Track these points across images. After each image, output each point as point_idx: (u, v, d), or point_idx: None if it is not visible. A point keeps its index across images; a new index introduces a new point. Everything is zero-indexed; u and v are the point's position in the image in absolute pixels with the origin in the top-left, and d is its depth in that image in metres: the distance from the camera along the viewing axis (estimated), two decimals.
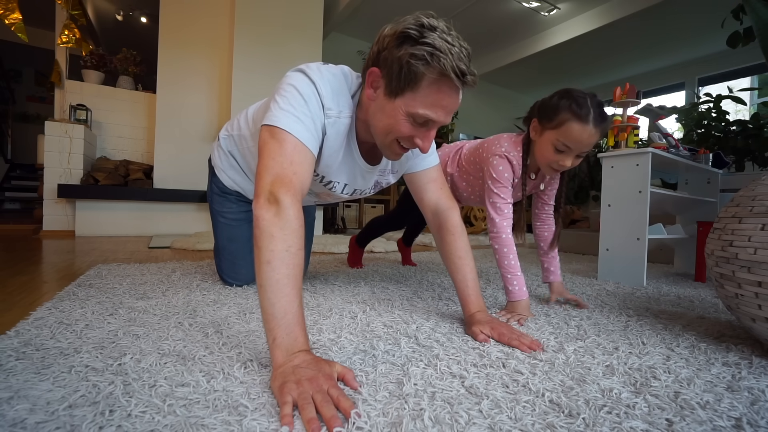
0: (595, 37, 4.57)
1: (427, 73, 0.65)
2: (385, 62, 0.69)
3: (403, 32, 0.66)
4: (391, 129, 0.73)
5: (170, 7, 3.54)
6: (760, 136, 2.61)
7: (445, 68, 0.64)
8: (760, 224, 0.74)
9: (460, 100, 0.71)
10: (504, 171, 1.07)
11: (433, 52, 0.64)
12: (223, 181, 1.24)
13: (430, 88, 0.67)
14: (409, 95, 0.68)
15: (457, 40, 0.67)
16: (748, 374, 0.68)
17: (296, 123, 0.71)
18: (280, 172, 0.66)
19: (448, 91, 0.67)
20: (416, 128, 0.71)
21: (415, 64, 0.65)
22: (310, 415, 0.48)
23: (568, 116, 0.94)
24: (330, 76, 0.78)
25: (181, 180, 3.61)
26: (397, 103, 0.69)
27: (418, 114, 0.68)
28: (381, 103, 0.72)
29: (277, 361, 0.57)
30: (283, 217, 0.62)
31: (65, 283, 1.30)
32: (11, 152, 6.09)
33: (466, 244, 0.95)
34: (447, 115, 0.70)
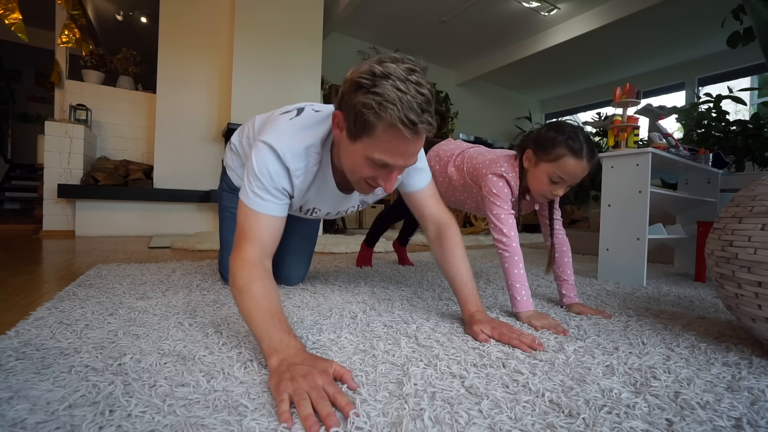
0: (595, 37, 4.57)
1: (377, 123, 0.67)
2: (345, 107, 0.72)
3: (357, 80, 0.68)
4: (354, 169, 0.77)
5: (170, 7, 3.54)
6: (760, 136, 2.61)
7: (392, 119, 0.65)
8: (760, 224, 0.74)
9: (422, 141, 0.73)
10: (503, 187, 1.11)
11: (382, 102, 0.65)
12: (233, 180, 1.28)
13: (383, 135, 0.69)
14: (366, 140, 0.70)
15: (413, 87, 0.66)
16: (748, 374, 0.68)
17: (253, 197, 0.80)
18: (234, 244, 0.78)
19: (402, 138, 0.68)
20: (377, 170, 0.74)
21: (367, 113, 0.67)
22: (306, 411, 0.48)
23: (564, 151, 1.00)
24: (293, 133, 0.83)
25: (181, 180, 3.61)
26: (357, 147, 0.72)
27: (375, 158, 0.71)
28: (345, 144, 0.76)
29: (271, 364, 0.59)
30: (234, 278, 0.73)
31: (65, 283, 1.30)
32: (11, 152, 6.09)
33: (463, 248, 0.99)
34: (406, 159, 0.73)
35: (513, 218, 1.10)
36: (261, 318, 0.66)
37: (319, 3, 3.83)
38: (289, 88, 3.68)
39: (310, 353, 0.61)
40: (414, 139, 0.69)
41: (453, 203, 1.46)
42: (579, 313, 1.08)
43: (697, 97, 3.61)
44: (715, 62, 5.07)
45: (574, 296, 1.15)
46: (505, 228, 1.07)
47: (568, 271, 1.17)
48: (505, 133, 6.96)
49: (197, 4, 3.64)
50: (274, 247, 0.81)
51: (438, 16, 4.52)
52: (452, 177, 1.36)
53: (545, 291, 1.41)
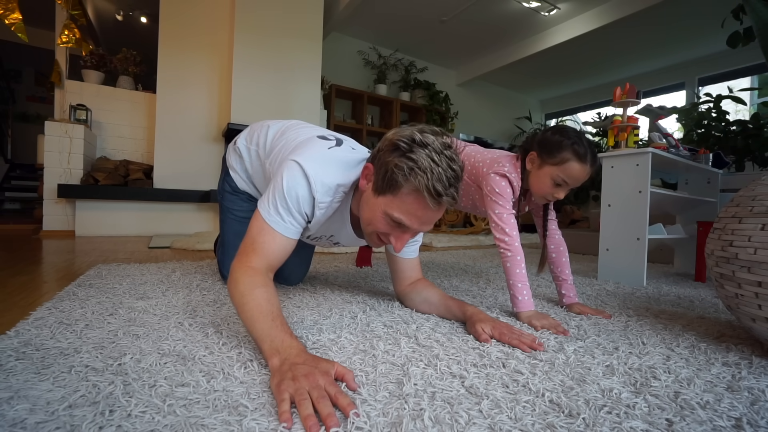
0: (595, 37, 4.57)
1: (404, 185, 0.71)
2: (378, 162, 0.76)
3: (396, 142, 0.73)
4: (370, 222, 0.79)
5: (170, 7, 3.54)
6: (760, 136, 2.61)
7: (419, 186, 0.70)
8: (760, 224, 0.74)
9: (441, 213, 0.76)
10: (506, 187, 1.11)
11: (414, 168, 0.70)
12: (236, 182, 1.28)
13: (407, 197, 0.72)
14: (390, 197, 0.74)
15: (446, 161, 0.71)
16: (748, 374, 0.68)
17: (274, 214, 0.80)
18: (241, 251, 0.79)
19: (424, 204, 0.72)
20: (392, 228, 0.77)
21: (397, 173, 0.71)
22: (307, 411, 0.48)
23: (569, 155, 1.01)
24: (328, 165, 0.84)
25: (181, 180, 3.60)
26: (379, 201, 0.75)
27: (393, 216, 0.74)
28: (368, 196, 0.79)
29: (273, 365, 0.59)
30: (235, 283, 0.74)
31: (65, 283, 1.30)
32: (11, 152, 6.09)
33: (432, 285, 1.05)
34: (422, 225, 0.75)
35: (514, 218, 1.11)
36: (263, 320, 0.66)
37: (319, 3, 3.82)
38: (289, 88, 3.68)
39: (312, 354, 0.61)
40: (435, 209, 0.72)
41: None
42: (579, 313, 1.08)
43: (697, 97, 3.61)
44: (715, 62, 5.06)
45: (573, 296, 1.15)
46: (507, 227, 1.07)
47: (566, 271, 1.17)
48: (505, 133, 6.96)
49: (197, 4, 3.64)
50: (279, 265, 0.82)
51: (438, 16, 4.51)
52: None
53: (545, 291, 1.41)
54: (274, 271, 0.80)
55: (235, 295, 0.72)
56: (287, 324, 0.68)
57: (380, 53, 5.23)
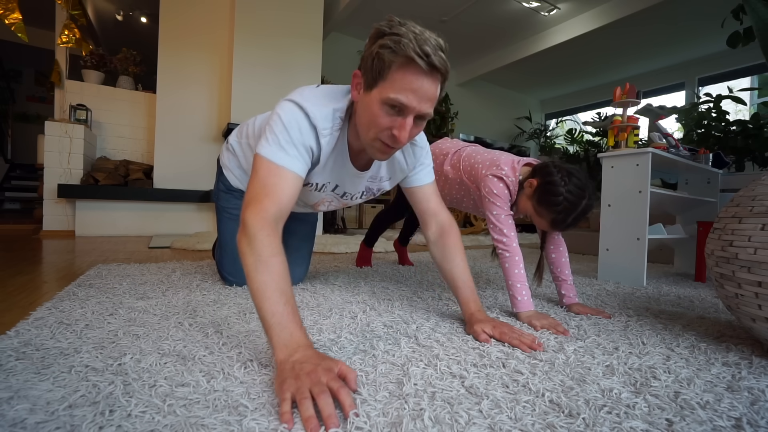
0: (595, 37, 4.57)
1: (394, 60, 0.69)
2: (363, 61, 0.74)
3: (377, 28, 0.72)
4: (370, 123, 0.75)
5: (170, 7, 3.54)
6: (760, 136, 2.61)
7: (407, 52, 0.67)
8: (760, 224, 0.74)
9: (437, 88, 0.73)
10: (503, 189, 1.12)
11: (399, 39, 0.68)
12: (230, 180, 1.28)
13: (398, 73, 0.70)
14: (381, 84, 0.71)
15: (430, 34, 0.70)
16: (748, 374, 0.68)
17: (277, 150, 0.76)
18: (251, 197, 0.74)
19: (416, 73, 0.69)
20: (392, 118, 0.73)
21: (383, 53, 0.69)
22: (308, 413, 0.48)
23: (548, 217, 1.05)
24: (319, 98, 0.83)
25: (181, 180, 3.60)
26: (373, 95, 0.73)
27: (389, 99, 0.70)
28: (362, 100, 0.76)
29: (278, 357, 0.58)
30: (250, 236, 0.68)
31: (65, 283, 1.30)
32: (11, 152, 6.09)
33: (463, 251, 0.99)
34: (420, 101, 0.71)
35: (512, 219, 1.11)
36: (275, 301, 0.63)
37: (319, 3, 3.83)
38: (289, 88, 3.68)
39: (318, 352, 0.60)
40: (428, 72, 0.69)
41: (450, 202, 1.46)
42: (579, 313, 1.08)
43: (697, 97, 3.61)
44: (715, 62, 5.07)
45: (573, 296, 1.15)
46: (504, 228, 1.08)
47: (566, 271, 1.17)
48: (505, 133, 6.96)
49: (197, 4, 3.64)
50: (289, 211, 0.77)
51: (438, 16, 4.52)
52: (448, 175, 1.35)
53: (545, 291, 1.41)
54: (284, 221, 0.75)
55: (248, 256, 0.67)
56: (297, 309, 0.65)
57: None
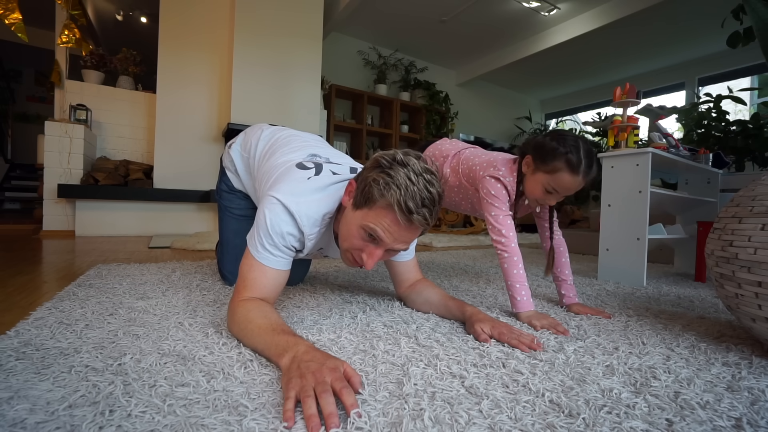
0: (595, 37, 4.57)
1: (379, 199, 0.72)
2: (360, 178, 0.78)
3: (378, 159, 0.75)
4: (346, 237, 0.79)
5: (170, 7, 3.54)
6: (760, 136, 2.61)
7: (392, 201, 0.71)
8: (760, 224, 0.74)
9: (415, 235, 0.76)
10: (501, 189, 1.11)
11: (390, 183, 0.71)
12: (232, 181, 1.29)
13: (380, 211, 0.73)
14: (365, 210, 0.75)
15: (423, 182, 0.71)
16: (748, 374, 0.68)
17: (263, 251, 0.80)
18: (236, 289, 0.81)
19: (395, 221, 0.73)
20: (365, 243, 0.77)
21: (373, 187, 0.73)
22: (310, 411, 0.48)
23: (561, 165, 0.99)
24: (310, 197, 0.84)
25: (181, 180, 3.60)
26: (356, 215, 0.76)
27: (368, 227, 0.74)
28: (347, 212, 0.80)
29: (284, 366, 0.59)
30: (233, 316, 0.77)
31: (65, 283, 1.30)
32: (11, 152, 6.09)
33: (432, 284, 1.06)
34: (395, 241, 0.75)
35: (511, 219, 1.11)
36: (264, 335, 0.68)
37: (319, 3, 3.82)
38: (289, 88, 3.68)
39: (322, 351, 0.61)
40: (407, 226, 0.73)
41: (448, 204, 1.46)
42: (579, 313, 1.08)
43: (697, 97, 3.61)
44: (715, 62, 5.07)
45: (573, 296, 1.15)
46: (503, 229, 1.08)
47: (566, 271, 1.17)
48: (505, 133, 6.96)
49: (197, 3, 3.63)
50: (276, 297, 0.84)
51: (438, 16, 4.51)
52: (447, 178, 1.35)
53: (545, 291, 1.41)
54: (271, 302, 0.82)
55: (234, 329, 0.75)
56: (289, 328, 0.69)
57: (380, 53, 5.23)
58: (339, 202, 0.86)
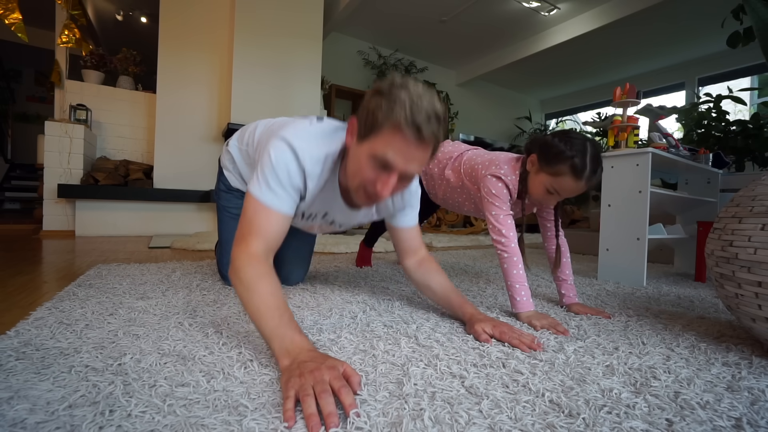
0: (595, 37, 4.57)
1: (385, 123, 0.70)
2: (360, 111, 0.76)
3: (377, 87, 0.73)
4: (356, 172, 0.77)
5: (170, 7, 3.54)
6: (760, 136, 2.61)
7: (399, 119, 0.69)
8: (760, 224, 0.74)
9: (427, 154, 0.74)
10: (502, 188, 1.11)
11: (393, 104, 0.69)
12: (230, 180, 1.29)
13: (388, 134, 0.71)
14: (372, 139, 0.73)
15: (427, 99, 0.70)
16: (748, 374, 0.68)
17: (267, 191, 0.78)
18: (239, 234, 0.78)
19: (405, 140, 0.71)
20: (377, 172, 0.75)
21: (377, 113, 0.71)
22: (310, 410, 0.48)
23: (566, 169, 0.99)
24: (312, 138, 0.83)
25: (181, 180, 3.60)
26: (363, 147, 0.74)
27: (377, 155, 0.72)
28: (353, 149, 0.78)
29: (283, 365, 0.59)
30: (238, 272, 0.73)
31: (65, 283, 1.30)
32: (11, 152, 6.09)
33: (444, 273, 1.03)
34: (407, 162, 0.73)
35: (511, 219, 1.11)
36: (270, 316, 0.66)
37: (319, 3, 3.82)
38: (289, 88, 3.68)
39: (322, 353, 0.61)
40: (417, 143, 0.70)
41: (451, 206, 1.45)
42: (579, 313, 1.08)
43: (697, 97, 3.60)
44: (715, 62, 5.07)
45: (573, 296, 1.15)
46: (503, 229, 1.08)
47: (567, 271, 1.17)
48: (505, 133, 6.96)
49: (197, 3, 3.63)
50: (278, 245, 0.81)
51: (438, 16, 4.51)
52: (449, 179, 1.35)
53: (545, 291, 1.41)
54: (273, 252, 0.79)
55: (239, 288, 0.71)
56: (294, 318, 0.68)
57: (380, 53, 5.23)
58: (342, 145, 0.85)
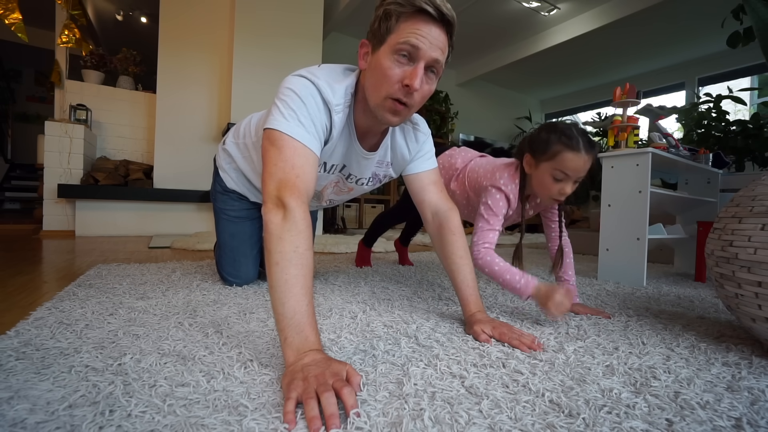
0: (595, 37, 4.57)
1: (402, 12, 0.70)
2: (370, 28, 0.75)
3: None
4: (381, 80, 0.73)
5: (170, 7, 3.54)
6: (760, 136, 2.61)
7: (415, 5, 0.69)
8: (760, 224, 0.74)
9: (446, 38, 0.74)
10: (500, 201, 1.10)
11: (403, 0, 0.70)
12: (225, 181, 1.28)
13: (406, 22, 0.70)
14: (391, 38, 0.72)
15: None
16: (748, 374, 0.68)
17: (297, 126, 0.73)
18: (282, 177, 0.69)
19: (426, 21, 0.70)
20: (403, 68, 0.72)
21: (390, 9, 0.70)
22: (312, 413, 0.48)
23: (560, 147, 0.99)
24: (328, 73, 0.81)
25: (181, 180, 3.61)
26: (382, 50, 0.73)
27: (398, 44, 0.70)
28: (370, 64, 0.76)
29: (288, 360, 0.58)
30: (290, 219, 0.65)
31: (65, 283, 1.30)
32: (11, 152, 6.09)
33: (465, 244, 0.97)
34: (430, 45, 0.70)
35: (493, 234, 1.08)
36: (300, 298, 0.61)
37: (319, 3, 3.83)
38: None
39: (327, 356, 0.60)
40: (437, 21, 0.71)
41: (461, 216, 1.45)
42: (579, 313, 1.08)
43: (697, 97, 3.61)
44: (715, 62, 5.07)
45: (575, 296, 1.15)
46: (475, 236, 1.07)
47: (569, 271, 1.17)
48: (505, 133, 6.96)
49: (197, 4, 3.64)
50: (313, 191, 0.73)
51: None
52: (455, 192, 1.35)
53: None
54: (309, 196, 0.71)
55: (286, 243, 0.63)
56: (312, 305, 0.63)
57: None
58: (354, 77, 0.82)
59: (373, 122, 0.86)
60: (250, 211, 1.31)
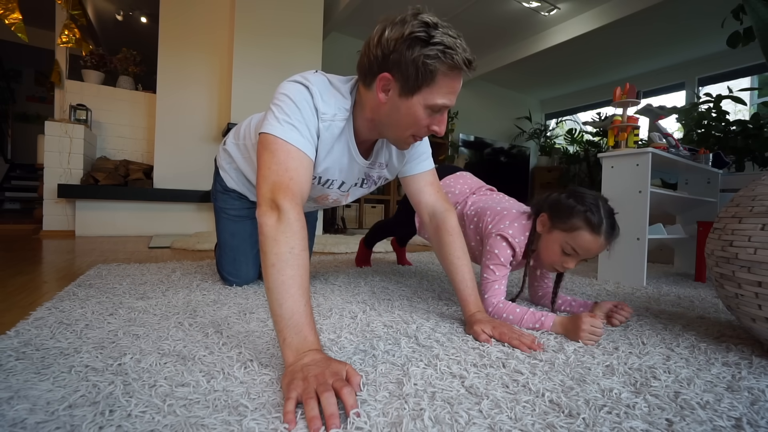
0: (595, 37, 4.56)
1: (441, 69, 0.71)
2: (396, 66, 0.72)
3: (412, 35, 0.70)
4: (410, 124, 0.78)
5: (170, 7, 3.54)
6: (760, 136, 2.61)
7: (456, 63, 0.71)
8: (760, 224, 0.74)
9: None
10: (506, 250, 1.03)
11: (445, 50, 0.70)
12: (226, 181, 1.29)
13: (444, 80, 0.73)
14: (426, 90, 0.73)
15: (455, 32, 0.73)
16: (748, 374, 0.68)
17: (291, 130, 0.74)
18: (276, 180, 0.70)
19: (458, 78, 0.75)
20: (432, 117, 0.77)
21: (429, 62, 0.71)
22: (312, 413, 0.48)
23: (581, 223, 0.92)
24: (323, 82, 0.82)
25: (181, 180, 3.61)
26: (415, 100, 0.75)
27: (436, 105, 0.74)
28: (395, 104, 0.76)
29: (287, 361, 0.58)
30: (284, 221, 0.66)
31: (65, 283, 1.30)
32: (11, 152, 6.09)
33: (463, 244, 0.97)
34: (455, 98, 0.77)
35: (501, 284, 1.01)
36: (297, 299, 0.61)
37: (319, 3, 3.83)
38: None
39: (327, 356, 0.60)
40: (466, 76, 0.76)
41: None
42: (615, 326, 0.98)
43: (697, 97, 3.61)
44: (715, 62, 5.06)
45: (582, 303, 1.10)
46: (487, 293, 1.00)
47: (567, 298, 1.13)
48: (505, 133, 6.95)
49: (197, 3, 3.64)
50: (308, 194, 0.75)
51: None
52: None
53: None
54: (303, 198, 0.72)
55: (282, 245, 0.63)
56: (309, 305, 0.63)
57: None
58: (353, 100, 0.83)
59: (375, 136, 0.89)
60: (250, 210, 1.32)
